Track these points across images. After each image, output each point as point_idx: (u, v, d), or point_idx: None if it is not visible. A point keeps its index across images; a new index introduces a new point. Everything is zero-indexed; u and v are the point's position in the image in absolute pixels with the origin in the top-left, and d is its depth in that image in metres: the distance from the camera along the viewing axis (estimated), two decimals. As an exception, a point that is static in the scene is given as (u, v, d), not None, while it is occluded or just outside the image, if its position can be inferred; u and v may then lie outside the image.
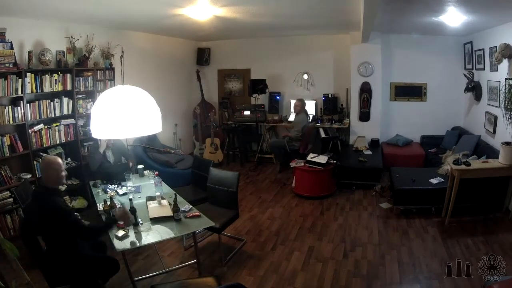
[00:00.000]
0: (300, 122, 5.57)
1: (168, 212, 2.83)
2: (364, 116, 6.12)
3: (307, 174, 4.75)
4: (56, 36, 4.03)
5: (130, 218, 2.57)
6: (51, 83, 3.88)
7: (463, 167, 3.63)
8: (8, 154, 3.52)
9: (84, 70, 4.27)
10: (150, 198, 3.14)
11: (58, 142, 4.06)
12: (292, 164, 4.89)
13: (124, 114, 2.17)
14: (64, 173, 2.43)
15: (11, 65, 3.41)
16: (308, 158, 4.79)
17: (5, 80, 3.42)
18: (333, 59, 6.39)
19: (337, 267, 3.12)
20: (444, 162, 4.50)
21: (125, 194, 3.33)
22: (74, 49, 4.17)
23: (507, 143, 3.55)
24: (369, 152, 5.61)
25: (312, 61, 6.53)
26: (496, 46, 4.16)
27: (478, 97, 5.04)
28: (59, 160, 2.43)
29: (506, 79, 3.98)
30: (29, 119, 3.70)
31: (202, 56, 7.01)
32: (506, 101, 3.80)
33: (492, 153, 4.11)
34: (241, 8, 3.75)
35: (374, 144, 5.99)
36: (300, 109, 5.67)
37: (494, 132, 4.43)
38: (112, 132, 2.23)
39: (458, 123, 5.82)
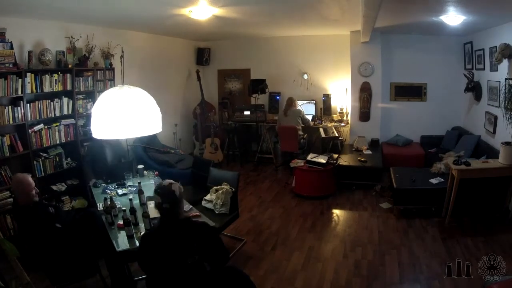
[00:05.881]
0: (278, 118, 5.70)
1: (168, 212, 2.82)
2: (364, 116, 6.12)
3: (307, 174, 4.75)
4: (56, 36, 4.03)
5: None
6: (51, 83, 3.88)
7: (463, 167, 3.63)
8: (8, 154, 3.51)
9: (84, 70, 4.27)
10: (150, 198, 3.13)
11: (58, 142, 4.05)
12: (292, 164, 4.89)
13: (124, 114, 2.17)
14: (34, 191, 2.51)
15: (11, 65, 3.41)
16: (308, 158, 4.79)
17: (5, 80, 3.41)
18: (333, 59, 6.38)
19: (337, 267, 3.12)
20: (443, 161, 4.51)
21: (125, 194, 3.33)
22: (74, 49, 4.17)
23: (507, 143, 3.55)
24: (369, 152, 5.62)
25: (312, 61, 6.53)
26: (496, 46, 4.16)
27: (478, 97, 5.04)
28: (29, 178, 2.51)
29: (506, 79, 3.98)
30: (29, 119, 3.70)
31: (202, 56, 7.01)
32: (506, 101, 3.80)
33: (492, 153, 4.10)
34: (241, 8, 3.75)
35: (374, 144, 5.99)
36: (287, 106, 5.76)
37: (494, 132, 4.43)
38: (112, 132, 2.23)
39: (458, 123, 5.82)
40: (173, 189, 1.97)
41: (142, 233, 2.52)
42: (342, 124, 6.18)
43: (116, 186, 3.52)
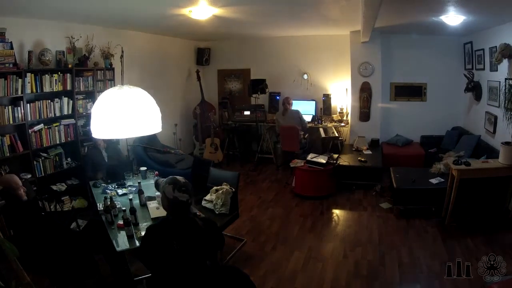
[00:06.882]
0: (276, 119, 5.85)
1: (168, 212, 2.82)
2: (364, 116, 6.12)
3: (307, 174, 4.75)
4: (56, 36, 4.03)
5: None
6: (51, 83, 3.88)
7: (463, 167, 3.63)
8: (8, 154, 3.52)
9: (84, 70, 4.27)
10: (150, 198, 3.13)
11: (58, 142, 4.06)
12: (292, 164, 4.89)
13: (124, 114, 2.17)
14: (22, 190, 2.56)
15: (11, 65, 3.41)
16: (308, 158, 4.79)
17: (5, 80, 3.42)
18: (333, 59, 6.38)
19: (337, 267, 3.12)
20: (443, 161, 4.50)
21: (125, 194, 3.33)
22: (74, 49, 4.17)
23: (507, 143, 3.54)
24: (369, 152, 5.62)
25: (312, 61, 6.53)
26: (496, 46, 4.16)
27: (478, 97, 5.04)
28: (15, 178, 2.56)
29: (506, 79, 3.98)
30: (29, 119, 3.70)
31: (202, 56, 7.00)
32: (506, 101, 3.80)
33: (492, 153, 4.10)
34: (241, 8, 3.75)
35: (374, 144, 5.99)
36: (283, 106, 5.87)
37: (494, 132, 4.43)
38: (112, 132, 2.23)
39: (458, 123, 5.82)
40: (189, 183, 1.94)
41: (146, 229, 2.53)
42: (342, 124, 6.18)
43: (116, 186, 3.52)
